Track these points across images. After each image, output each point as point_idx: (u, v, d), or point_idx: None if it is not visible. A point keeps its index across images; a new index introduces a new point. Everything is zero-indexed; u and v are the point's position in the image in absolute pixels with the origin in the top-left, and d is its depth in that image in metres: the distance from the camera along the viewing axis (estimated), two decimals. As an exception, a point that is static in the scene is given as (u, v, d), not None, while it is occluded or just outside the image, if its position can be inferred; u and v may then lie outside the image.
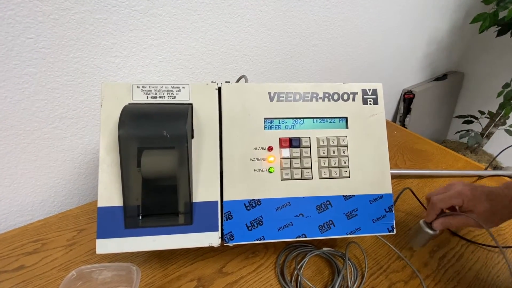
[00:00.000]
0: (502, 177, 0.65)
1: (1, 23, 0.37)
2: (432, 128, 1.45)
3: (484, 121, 1.25)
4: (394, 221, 0.38)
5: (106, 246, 0.33)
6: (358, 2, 0.77)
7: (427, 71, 1.27)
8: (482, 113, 1.23)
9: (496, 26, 1.02)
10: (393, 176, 0.61)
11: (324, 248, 0.44)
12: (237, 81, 0.43)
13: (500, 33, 1.04)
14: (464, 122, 1.30)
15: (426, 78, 1.31)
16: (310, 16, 0.70)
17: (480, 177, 0.63)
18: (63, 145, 0.51)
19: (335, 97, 0.38)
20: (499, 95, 1.08)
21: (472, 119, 1.27)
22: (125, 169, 0.32)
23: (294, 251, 0.44)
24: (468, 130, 1.24)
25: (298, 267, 0.41)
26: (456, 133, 1.31)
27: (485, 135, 1.25)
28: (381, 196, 0.37)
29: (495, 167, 1.08)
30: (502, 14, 0.99)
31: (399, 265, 0.45)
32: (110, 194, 0.33)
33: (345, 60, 0.85)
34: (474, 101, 1.44)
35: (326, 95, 0.38)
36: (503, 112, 1.12)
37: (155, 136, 0.32)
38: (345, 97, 0.38)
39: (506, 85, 1.09)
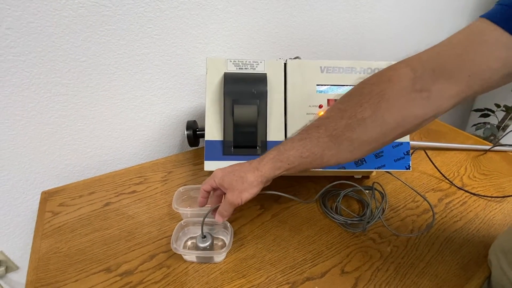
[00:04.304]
0: (507, 152, 0.76)
1: (134, 16, 0.54)
2: (451, 121, 1.54)
3: (501, 114, 1.34)
4: (410, 161, 0.51)
5: (210, 165, 0.48)
6: (380, 7, 0.90)
7: (446, 66, 1.37)
8: (498, 106, 1.31)
9: None
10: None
11: (355, 186, 0.58)
12: (293, 59, 0.57)
13: (516, 31, 1.13)
14: (481, 116, 1.39)
15: (445, 74, 1.40)
16: (341, 22, 0.84)
17: (486, 151, 0.75)
18: (156, 109, 0.67)
19: (368, 70, 0.52)
20: (513, 88, 1.17)
21: (489, 112, 1.36)
22: (225, 115, 0.48)
23: (332, 191, 0.58)
24: (484, 123, 1.33)
25: (337, 200, 0.55)
26: (473, 125, 1.39)
27: (501, 127, 1.33)
28: (401, 143, 0.51)
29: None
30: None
31: (414, 205, 0.58)
32: (213, 132, 0.49)
33: (366, 55, 0.99)
34: (491, 94, 1.52)
35: (362, 69, 0.52)
36: (518, 105, 1.20)
37: (246, 92, 0.48)
38: (376, 70, 0.52)
39: (521, 80, 1.17)
